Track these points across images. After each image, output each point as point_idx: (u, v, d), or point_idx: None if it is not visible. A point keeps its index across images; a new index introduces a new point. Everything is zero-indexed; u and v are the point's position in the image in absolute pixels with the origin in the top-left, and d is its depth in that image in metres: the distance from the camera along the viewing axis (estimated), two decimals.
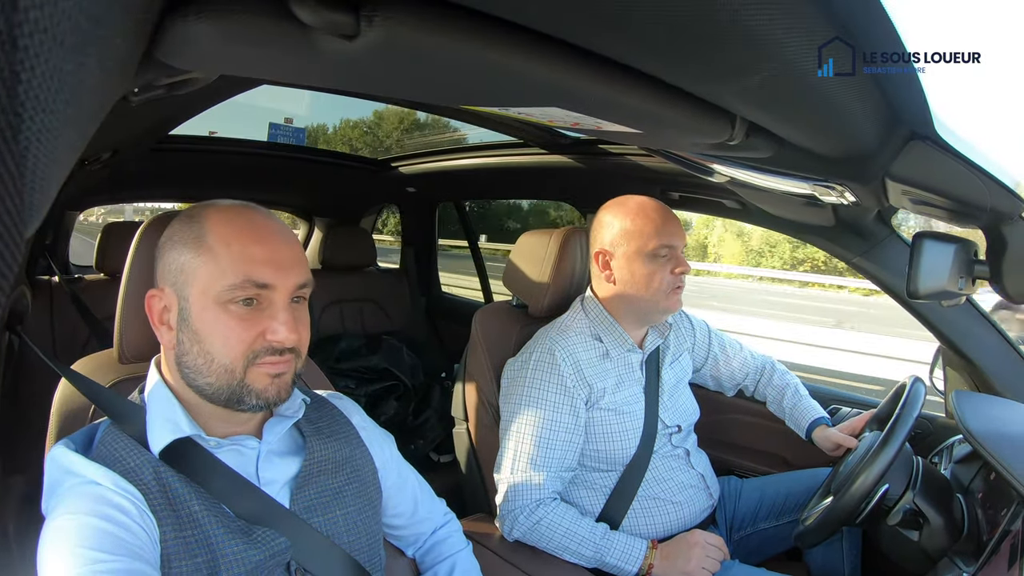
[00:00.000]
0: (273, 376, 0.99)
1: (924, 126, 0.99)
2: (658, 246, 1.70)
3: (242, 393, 0.98)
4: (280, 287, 0.98)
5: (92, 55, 0.37)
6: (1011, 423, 1.50)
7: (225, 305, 0.96)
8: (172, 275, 0.99)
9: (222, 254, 0.96)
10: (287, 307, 1.00)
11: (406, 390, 3.28)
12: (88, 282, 2.88)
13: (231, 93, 1.63)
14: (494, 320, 2.05)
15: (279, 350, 0.99)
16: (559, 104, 0.92)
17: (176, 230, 1.01)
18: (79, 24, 0.32)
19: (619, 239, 1.75)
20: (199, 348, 0.97)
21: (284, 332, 0.98)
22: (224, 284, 0.95)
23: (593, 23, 0.64)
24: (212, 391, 0.98)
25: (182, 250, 0.98)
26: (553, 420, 1.68)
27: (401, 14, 0.59)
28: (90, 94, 0.40)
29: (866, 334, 12.10)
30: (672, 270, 1.71)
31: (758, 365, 2.15)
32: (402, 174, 3.45)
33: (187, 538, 0.94)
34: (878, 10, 0.63)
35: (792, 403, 2.02)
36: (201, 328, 0.97)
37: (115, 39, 0.43)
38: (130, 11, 0.46)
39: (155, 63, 0.66)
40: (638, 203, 1.77)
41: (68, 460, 0.94)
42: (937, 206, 1.26)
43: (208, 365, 0.97)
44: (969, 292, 1.31)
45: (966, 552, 1.29)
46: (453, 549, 1.39)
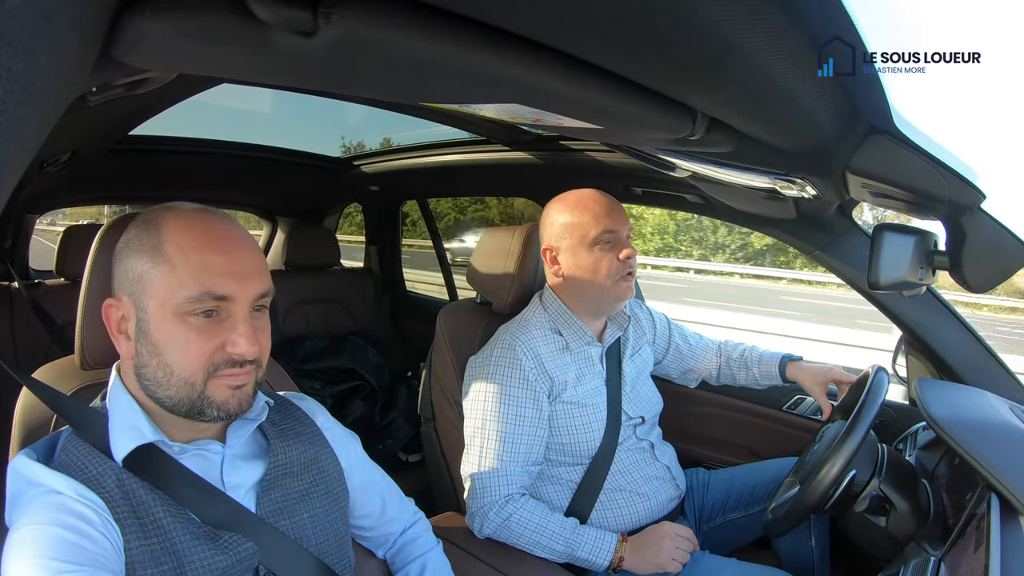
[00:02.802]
0: (234, 388, 0.99)
1: (883, 120, 1.00)
2: (599, 233, 1.71)
3: (203, 405, 0.97)
4: (240, 298, 0.97)
5: (44, 54, 0.36)
6: (972, 409, 1.52)
7: (184, 317, 0.95)
8: (129, 284, 0.97)
9: (180, 264, 0.94)
10: (247, 318, 0.98)
11: (372, 390, 3.27)
12: (48, 287, 2.82)
13: (191, 92, 1.61)
14: (458, 318, 2.05)
15: (239, 362, 0.98)
16: (520, 101, 0.92)
17: (133, 236, 0.99)
18: (28, 22, 0.31)
19: (561, 233, 1.76)
20: (158, 360, 0.96)
21: (244, 345, 0.97)
22: (182, 296, 0.94)
23: (553, 20, 0.64)
24: (172, 403, 0.97)
25: (139, 258, 0.96)
26: (517, 415, 1.68)
27: (359, 10, 0.58)
28: (43, 94, 0.39)
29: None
30: (618, 256, 1.72)
31: (715, 348, 2.17)
32: (364, 173, 3.43)
33: (152, 545, 0.93)
34: (837, 7, 0.64)
35: (756, 361, 2.06)
36: (160, 340, 0.95)
37: (69, 37, 0.42)
38: (84, 9, 0.45)
39: (112, 62, 0.64)
40: (577, 196, 1.79)
41: (29, 470, 0.93)
42: (897, 199, 1.27)
43: (168, 378, 0.96)
44: (929, 282, 1.33)
45: (933, 536, 1.31)
46: (423, 548, 1.39)
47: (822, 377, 1.89)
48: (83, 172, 2.40)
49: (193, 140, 2.98)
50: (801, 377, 1.95)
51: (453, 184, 3.55)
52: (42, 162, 1.74)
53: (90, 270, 1.10)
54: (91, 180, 3.08)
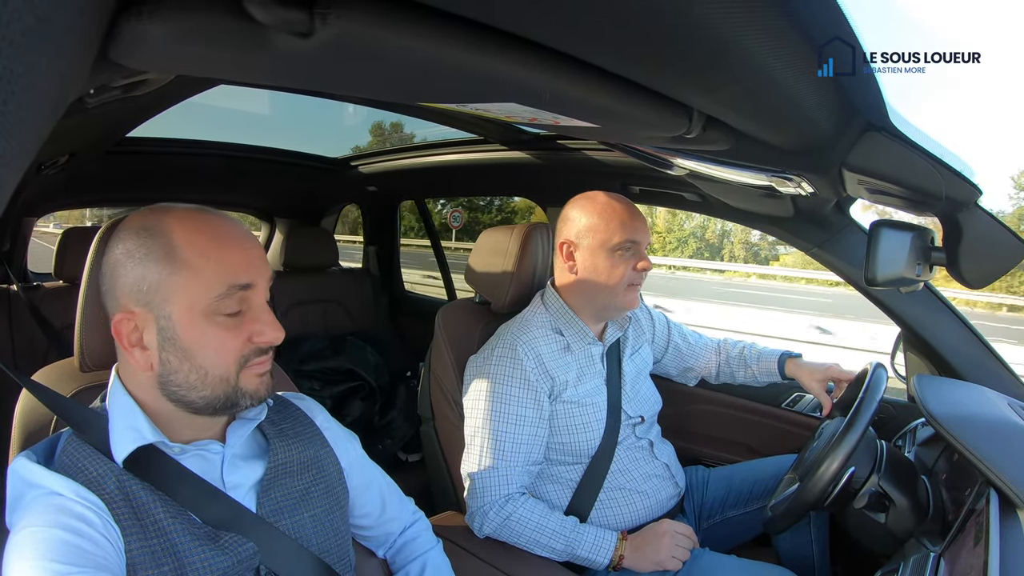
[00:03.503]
0: (261, 375, 1.01)
1: (880, 117, 1.01)
2: (623, 240, 1.71)
3: (237, 397, 0.99)
4: (260, 285, 0.99)
5: (43, 56, 0.36)
6: (971, 405, 1.52)
7: (211, 317, 0.95)
8: (143, 294, 0.95)
9: (202, 267, 0.95)
10: (266, 306, 1.01)
11: (371, 390, 3.27)
12: (47, 290, 2.81)
13: (188, 94, 1.61)
14: (457, 317, 2.04)
15: (265, 350, 1.00)
16: (516, 100, 0.92)
17: (135, 246, 0.96)
18: (29, 24, 0.31)
19: (585, 232, 1.76)
20: (191, 364, 0.96)
21: (271, 332, 0.99)
22: (211, 296, 0.94)
23: (548, 19, 0.64)
24: (205, 403, 0.98)
25: (151, 267, 0.95)
26: (517, 415, 1.69)
27: (355, 11, 0.58)
28: (42, 96, 0.39)
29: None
30: (634, 266, 1.73)
31: (714, 347, 2.18)
32: (362, 173, 3.43)
33: (153, 547, 0.93)
34: (834, 7, 0.64)
35: (755, 358, 2.07)
36: (191, 344, 0.95)
37: (68, 39, 0.42)
38: (82, 11, 0.45)
39: (110, 64, 0.64)
40: (606, 199, 1.78)
41: (29, 471, 0.93)
42: (894, 195, 1.28)
43: (203, 379, 0.96)
44: (926, 278, 1.33)
45: (932, 532, 1.31)
46: (423, 548, 1.39)
47: (821, 374, 1.90)
48: (81, 174, 2.40)
49: (191, 142, 2.98)
50: (800, 374, 1.95)
51: (451, 184, 3.56)
52: (40, 164, 1.75)
53: (89, 271, 1.10)
54: (89, 182, 3.08)
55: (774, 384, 2.09)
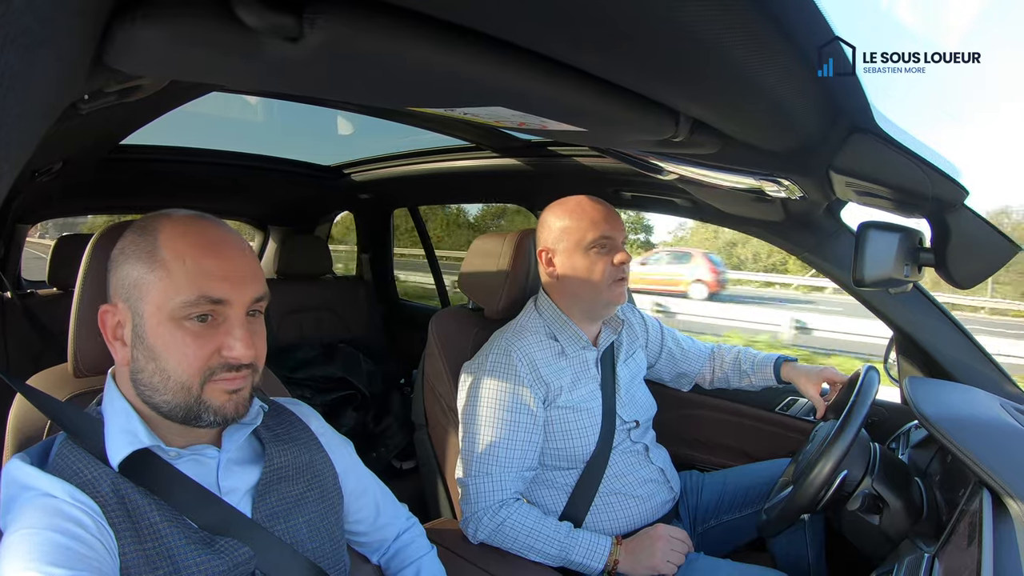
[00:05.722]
0: (230, 392, 0.99)
1: (865, 119, 1.01)
2: (596, 238, 1.73)
3: (199, 410, 0.97)
4: (235, 302, 0.97)
5: (41, 56, 0.36)
6: (963, 407, 1.52)
7: (180, 321, 0.95)
8: (125, 290, 0.97)
9: (176, 269, 0.95)
10: (243, 322, 0.99)
11: (363, 399, 3.27)
12: (41, 297, 2.83)
13: (181, 101, 1.61)
14: (450, 324, 2.05)
15: (235, 366, 0.98)
16: (503, 103, 0.92)
17: (129, 243, 0.99)
18: (30, 24, 0.31)
19: (560, 235, 1.78)
20: (155, 365, 0.96)
21: (240, 348, 0.97)
22: (179, 300, 0.94)
23: (533, 23, 0.64)
24: (168, 408, 0.97)
25: (135, 264, 0.96)
26: (512, 421, 1.69)
27: (343, 16, 0.59)
28: (39, 94, 0.39)
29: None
30: (613, 261, 1.74)
31: (708, 352, 2.19)
32: (355, 181, 3.42)
33: (147, 550, 0.93)
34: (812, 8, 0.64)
35: (749, 363, 2.08)
36: (156, 345, 0.95)
37: (65, 40, 0.43)
38: (79, 13, 0.45)
39: (104, 68, 0.65)
40: (576, 201, 1.80)
41: (23, 473, 0.93)
42: (881, 197, 1.28)
43: (164, 383, 0.96)
44: (915, 279, 1.34)
45: (926, 533, 1.31)
46: (418, 554, 1.39)
47: (816, 377, 1.90)
48: (75, 182, 2.40)
49: (184, 150, 2.98)
50: (796, 377, 1.95)
51: (444, 191, 3.56)
52: (34, 171, 1.75)
53: (83, 278, 1.10)
54: (83, 190, 3.08)
55: (769, 388, 2.09)
